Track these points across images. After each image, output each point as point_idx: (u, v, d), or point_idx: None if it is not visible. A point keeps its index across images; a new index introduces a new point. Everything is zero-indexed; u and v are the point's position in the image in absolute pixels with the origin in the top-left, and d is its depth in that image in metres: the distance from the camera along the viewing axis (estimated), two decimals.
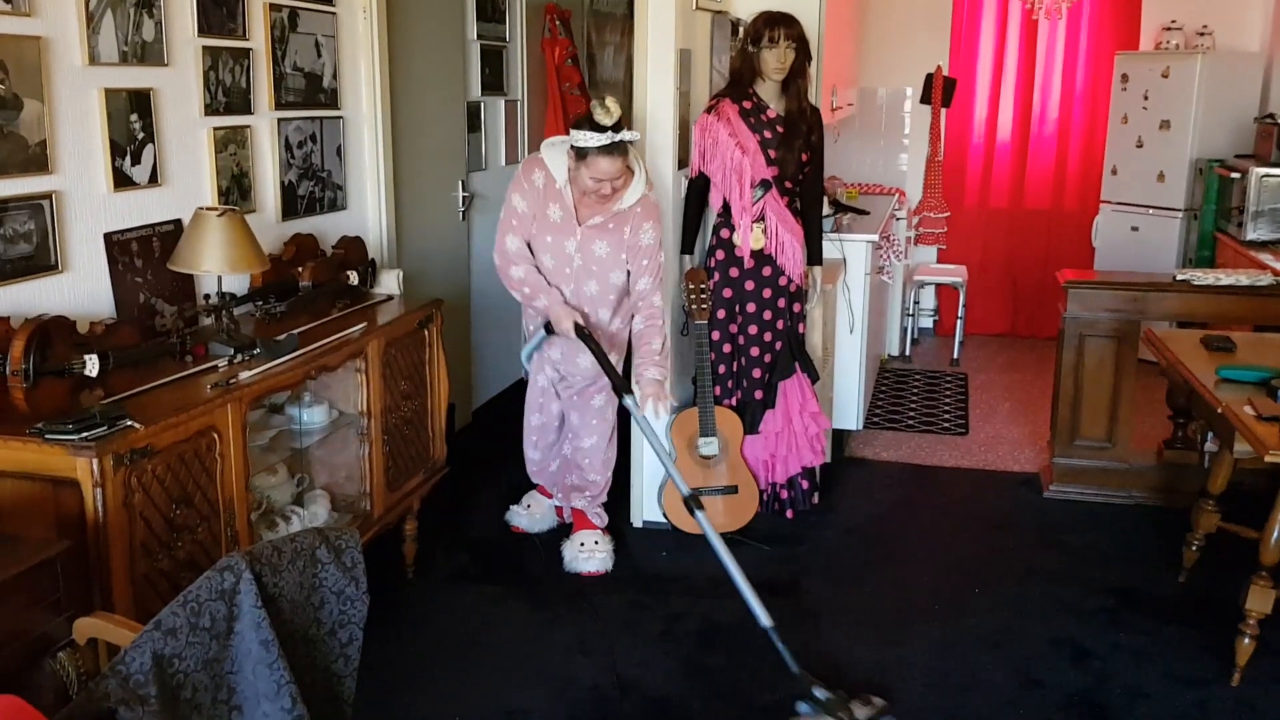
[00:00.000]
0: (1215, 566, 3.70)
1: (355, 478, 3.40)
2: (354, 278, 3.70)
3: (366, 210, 4.16)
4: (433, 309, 3.69)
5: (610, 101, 3.36)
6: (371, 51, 4.05)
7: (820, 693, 2.87)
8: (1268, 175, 5.41)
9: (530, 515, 4.20)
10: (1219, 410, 3.10)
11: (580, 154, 3.41)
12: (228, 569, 1.79)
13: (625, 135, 3.39)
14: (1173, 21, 6.66)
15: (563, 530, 4.12)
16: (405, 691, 3.13)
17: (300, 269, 3.50)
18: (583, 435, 3.93)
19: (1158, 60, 6.47)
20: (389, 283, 3.86)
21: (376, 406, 3.36)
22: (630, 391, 3.54)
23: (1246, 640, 3.14)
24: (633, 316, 3.76)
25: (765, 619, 3.03)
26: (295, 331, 3.12)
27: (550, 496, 4.19)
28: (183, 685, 1.73)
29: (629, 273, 3.71)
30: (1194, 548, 3.71)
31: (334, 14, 3.86)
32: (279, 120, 3.59)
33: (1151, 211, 6.50)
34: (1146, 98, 6.49)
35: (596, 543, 3.92)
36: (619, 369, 3.90)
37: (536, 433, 4.08)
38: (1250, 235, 5.43)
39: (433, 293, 4.03)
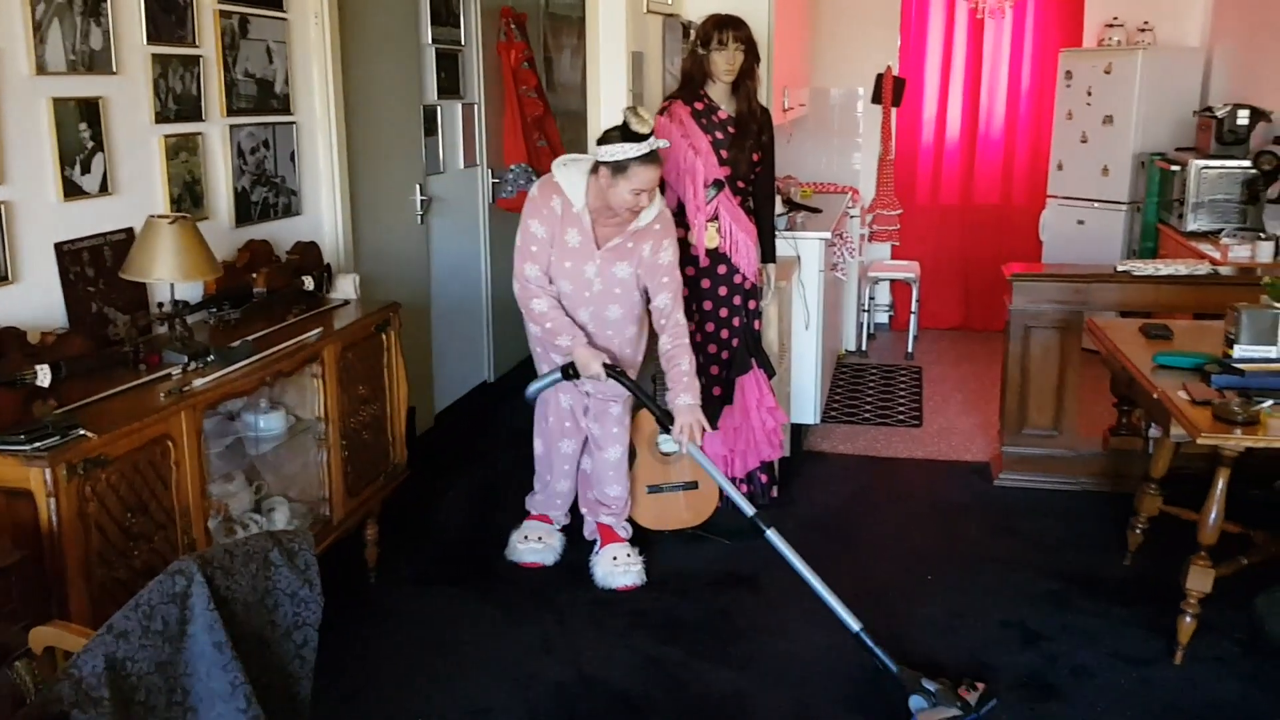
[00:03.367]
0: (1159, 548, 3.79)
1: (314, 483, 3.41)
2: (309, 283, 3.71)
3: (322, 215, 4.18)
4: (390, 312, 3.71)
5: (643, 110, 3.33)
6: (324, 56, 4.06)
7: (929, 684, 2.96)
8: (1206, 167, 5.52)
9: (546, 546, 4.00)
10: (1155, 396, 3.19)
11: (619, 168, 3.33)
12: (179, 572, 1.82)
13: (661, 143, 3.37)
14: (1114, 18, 6.80)
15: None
16: (369, 693, 3.16)
17: (255, 275, 3.51)
18: (606, 447, 3.86)
19: (1100, 57, 6.59)
20: (345, 287, 3.88)
21: (334, 411, 3.38)
22: (671, 425, 3.50)
23: (1188, 619, 3.22)
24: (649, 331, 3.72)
25: (854, 624, 3.13)
26: (250, 338, 3.14)
27: (550, 522, 4.07)
28: (136, 688, 1.75)
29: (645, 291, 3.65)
30: (1138, 531, 3.81)
31: (285, 20, 3.87)
32: (231, 127, 3.60)
33: (1097, 205, 6.63)
34: (1090, 94, 6.62)
35: (629, 555, 3.86)
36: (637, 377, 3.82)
37: (569, 460, 3.97)
38: (1191, 226, 5.54)
39: (392, 296, 4.04)
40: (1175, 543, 3.54)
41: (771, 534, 3.31)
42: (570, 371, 3.59)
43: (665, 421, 3.52)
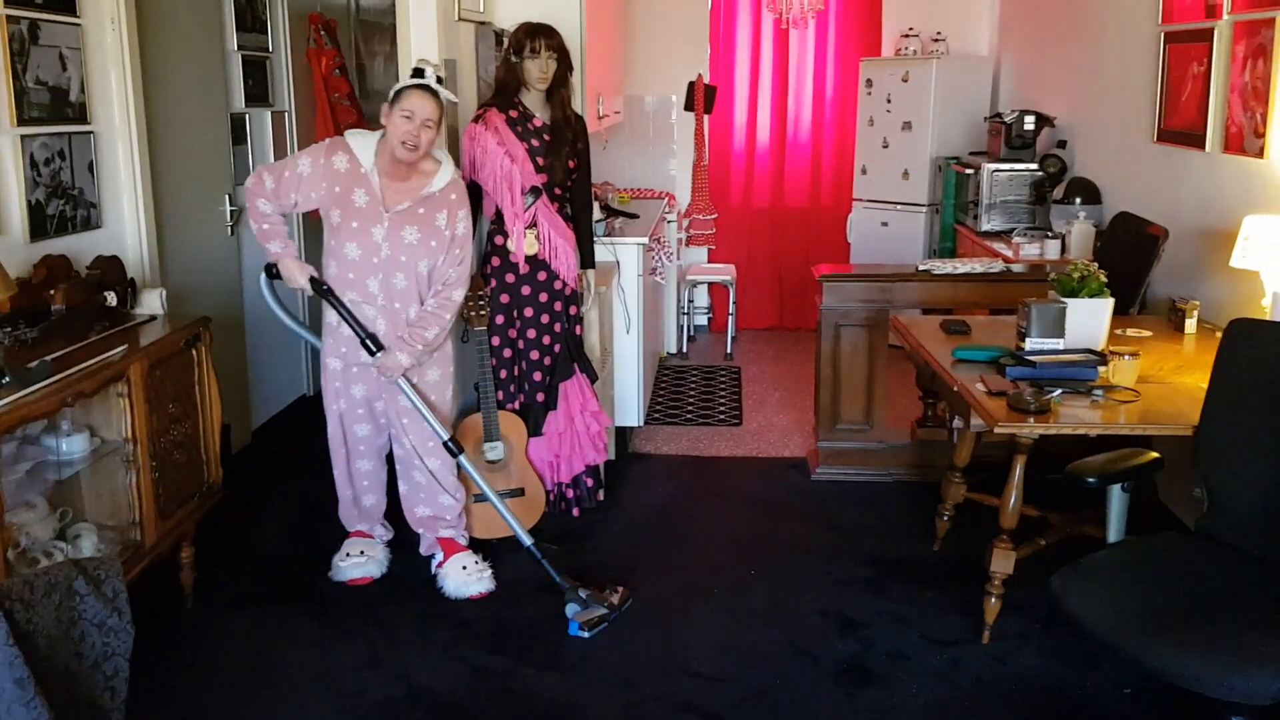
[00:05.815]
0: (965, 534, 4.01)
1: (123, 507, 3.26)
2: (112, 298, 3.55)
3: (124, 228, 3.99)
4: (200, 327, 3.59)
5: (436, 63, 3.50)
6: (122, 64, 3.89)
7: (583, 593, 3.59)
8: (998, 170, 5.88)
9: (369, 559, 3.90)
10: (955, 389, 3.38)
11: (395, 97, 3.46)
12: None
13: (446, 93, 3.47)
14: (910, 29, 7.16)
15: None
16: None
17: (52, 292, 3.33)
18: (427, 456, 3.79)
19: (898, 65, 6.94)
20: (151, 302, 3.73)
21: (142, 432, 3.24)
22: (381, 349, 3.58)
23: (993, 600, 3.40)
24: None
25: (526, 539, 3.71)
26: (49, 357, 2.98)
27: (372, 536, 3.98)
28: None
29: (435, 265, 3.63)
30: (945, 518, 4.02)
31: (79, 25, 3.69)
32: (23, 137, 3.41)
33: (899, 207, 6.98)
34: (890, 101, 6.95)
35: (477, 563, 3.81)
36: (451, 381, 3.84)
37: (369, 477, 3.90)
38: (985, 226, 5.89)
39: (203, 311, 3.90)
40: (979, 528, 3.75)
41: (462, 459, 3.79)
42: (273, 271, 3.68)
43: (372, 345, 3.58)
